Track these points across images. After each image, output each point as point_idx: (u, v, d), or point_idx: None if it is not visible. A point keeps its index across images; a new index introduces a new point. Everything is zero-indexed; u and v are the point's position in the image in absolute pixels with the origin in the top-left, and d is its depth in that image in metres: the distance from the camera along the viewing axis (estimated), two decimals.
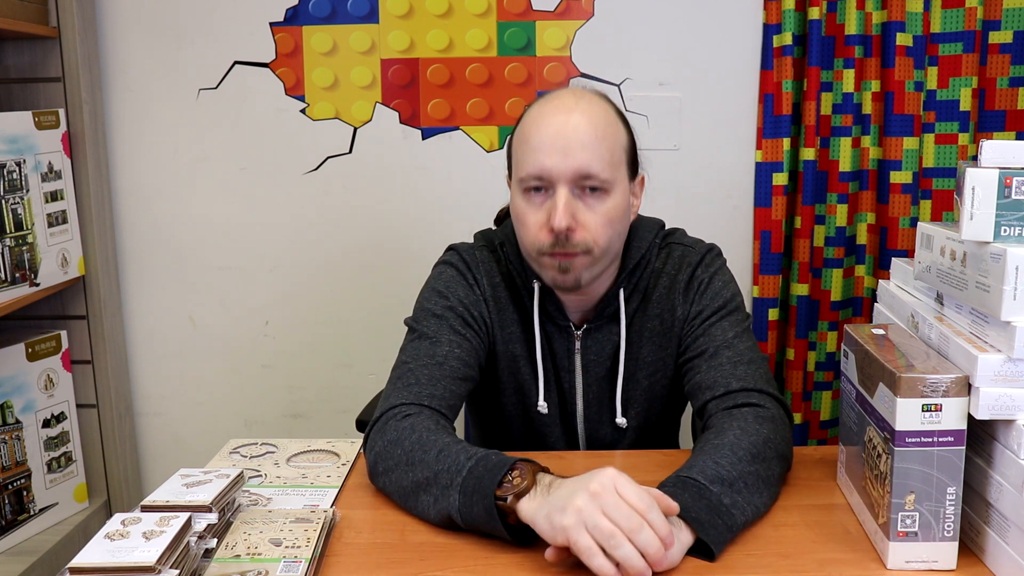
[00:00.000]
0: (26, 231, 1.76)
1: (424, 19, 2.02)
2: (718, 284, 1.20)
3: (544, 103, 1.12)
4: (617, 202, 1.11)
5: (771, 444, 1.01)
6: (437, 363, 1.13)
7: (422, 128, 2.07)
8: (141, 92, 2.08)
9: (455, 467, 0.94)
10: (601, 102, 1.13)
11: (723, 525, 0.90)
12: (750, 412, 1.05)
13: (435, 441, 0.99)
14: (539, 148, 1.08)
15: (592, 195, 1.09)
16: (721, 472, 0.94)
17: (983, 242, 0.83)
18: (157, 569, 0.79)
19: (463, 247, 1.27)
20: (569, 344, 1.22)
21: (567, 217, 1.07)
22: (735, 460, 0.96)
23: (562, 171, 1.07)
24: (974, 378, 0.82)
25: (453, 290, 1.20)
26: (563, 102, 1.11)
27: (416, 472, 0.98)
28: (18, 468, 1.80)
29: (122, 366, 2.13)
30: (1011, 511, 0.81)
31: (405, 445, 1.01)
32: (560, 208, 1.07)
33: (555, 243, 1.09)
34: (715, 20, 2.02)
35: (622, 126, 1.14)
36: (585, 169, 1.07)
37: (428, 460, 0.97)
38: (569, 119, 1.08)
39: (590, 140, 1.07)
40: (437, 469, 0.95)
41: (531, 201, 1.11)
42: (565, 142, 1.07)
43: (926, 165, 2.00)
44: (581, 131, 1.07)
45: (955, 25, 1.94)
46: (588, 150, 1.07)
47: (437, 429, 1.03)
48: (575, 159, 1.06)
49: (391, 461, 1.02)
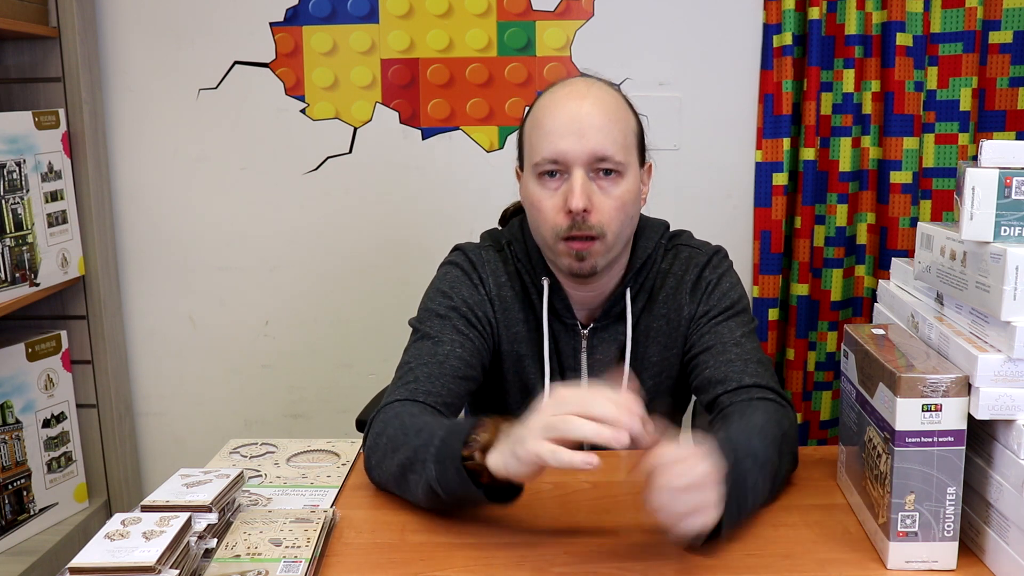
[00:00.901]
0: (26, 231, 1.76)
1: (424, 19, 2.02)
2: (726, 285, 1.21)
3: (556, 90, 1.15)
4: (629, 186, 1.12)
5: (788, 440, 1.03)
6: (438, 362, 1.13)
7: (422, 128, 2.07)
8: (141, 92, 2.08)
9: (429, 439, 0.95)
10: (611, 89, 1.16)
11: (736, 506, 0.89)
12: (771, 405, 1.07)
13: (415, 423, 1.01)
14: (554, 132, 1.10)
15: (606, 178, 1.10)
16: (755, 449, 0.95)
17: (983, 242, 0.83)
18: (157, 569, 0.79)
19: (469, 247, 1.27)
20: (575, 343, 1.23)
21: (584, 198, 1.08)
22: (766, 443, 0.97)
23: (578, 153, 1.08)
24: (974, 378, 0.82)
25: (457, 290, 1.20)
26: (575, 88, 1.13)
27: (400, 454, 0.99)
28: (18, 468, 1.80)
29: (122, 366, 2.13)
30: (1011, 511, 0.81)
31: (389, 432, 1.03)
32: (577, 189, 1.08)
33: (572, 225, 1.10)
34: (715, 20, 2.02)
35: (631, 113, 1.16)
36: (600, 151, 1.08)
37: (409, 440, 0.98)
38: (583, 104, 1.10)
39: (603, 123, 1.09)
40: (416, 445, 0.97)
41: (546, 186, 1.12)
42: (579, 125, 1.09)
43: (926, 165, 2.00)
44: (595, 115, 1.09)
45: (955, 25, 1.94)
46: (602, 133, 1.09)
47: (420, 413, 1.04)
48: (590, 141, 1.08)
49: (379, 451, 1.04)
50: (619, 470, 1.15)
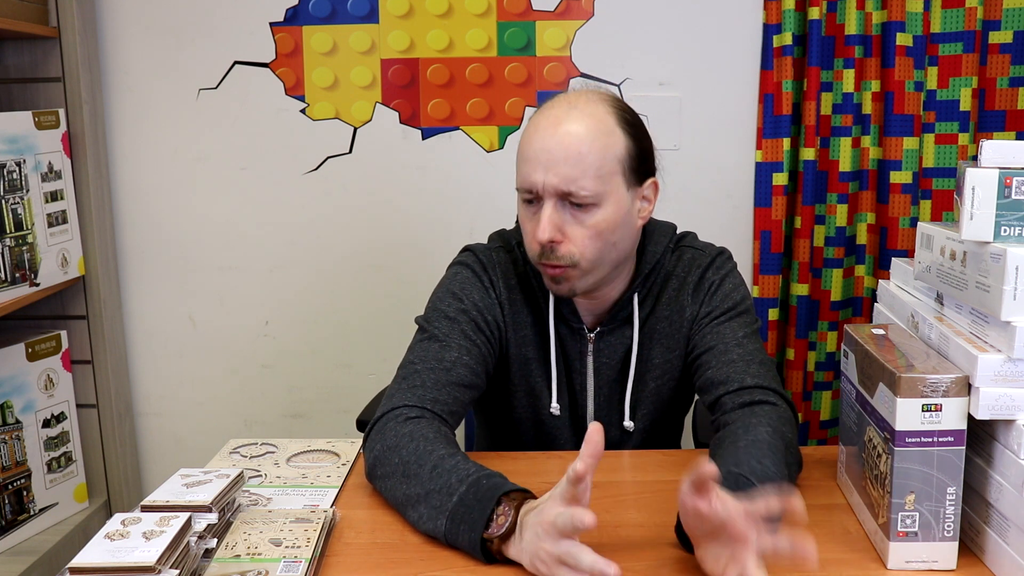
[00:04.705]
0: (26, 231, 1.76)
1: (424, 19, 2.02)
2: (728, 286, 1.20)
3: (539, 114, 1.12)
4: (607, 214, 1.09)
5: (792, 449, 1.03)
6: (444, 368, 1.13)
7: (422, 128, 2.07)
8: (141, 92, 2.08)
9: (447, 490, 0.93)
10: (598, 108, 1.10)
11: None
12: (772, 411, 1.06)
13: (431, 454, 0.98)
14: (528, 160, 1.09)
15: (579, 209, 1.09)
16: (768, 472, 0.93)
17: (983, 242, 0.83)
18: (157, 569, 0.79)
19: (479, 248, 1.26)
20: (582, 346, 1.22)
21: (550, 230, 1.08)
22: (776, 461, 0.96)
23: (545, 186, 1.08)
24: (974, 378, 0.82)
25: (468, 293, 1.20)
26: (555, 112, 1.10)
27: (410, 486, 0.97)
28: (18, 468, 1.80)
29: (122, 366, 2.13)
30: (1011, 511, 0.81)
31: (403, 454, 1.00)
32: (543, 221, 1.08)
33: (542, 254, 1.10)
34: (715, 20, 2.02)
35: (620, 133, 1.10)
36: (565, 186, 1.07)
37: (423, 476, 0.96)
38: (556, 132, 1.07)
39: (574, 154, 1.06)
40: (430, 488, 0.95)
41: (527, 210, 1.13)
42: (548, 156, 1.07)
43: (926, 165, 2.00)
44: (567, 145, 1.06)
45: (955, 25, 1.94)
46: (570, 164, 1.06)
47: (436, 439, 1.02)
48: (557, 174, 1.06)
49: (388, 467, 1.02)
50: (619, 470, 1.15)
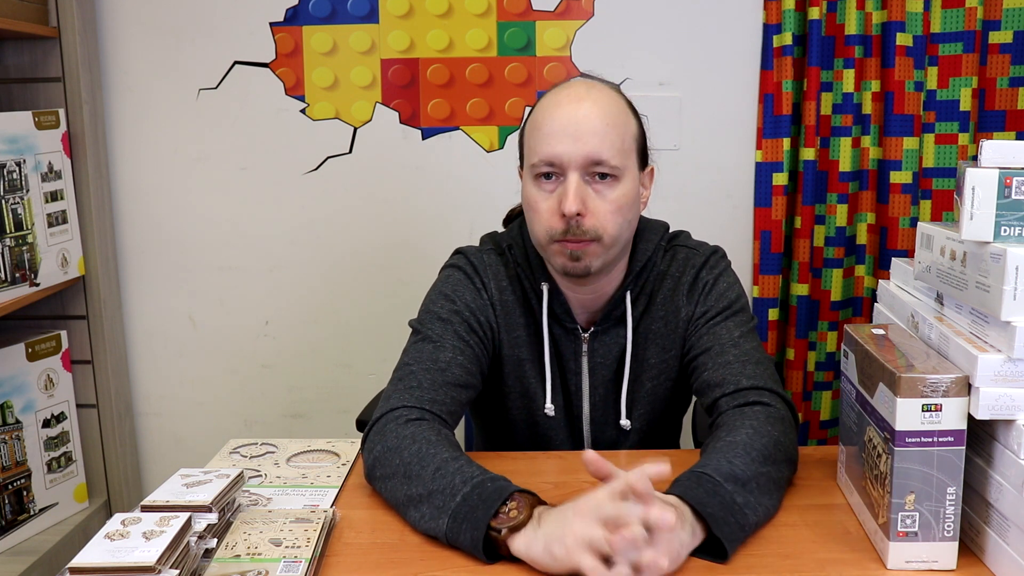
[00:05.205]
0: (26, 231, 1.76)
1: (424, 19, 2.02)
2: (723, 285, 1.20)
3: (556, 92, 1.14)
4: (627, 190, 1.12)
5: (780, 447, 1.02)
6: (440, 368, 1.13)
7: (422, 128, 2.07)
8: (141, 92, 2.08)
9: (450, 490, 0.93)
10: (611, 92, 1.15)
11: (736, 524, 0.89)
12: (762, 411, 1.05)
13: (434, 456, 0.98)
14: (551, 134, 1.09)
15: (602, 182, 1.10)
16: (735, 471, 0.94)
17: (983, 242, 0.83)
18: (157, 569, 0.79)
19: (470, 250, 1.26)
20: (576, 346, 1.22)
21: (577, 202, 1.08)
22: (749, 460, 0.96)
23: (573, 157, 1.08)
24: (974, 378, 0.82)
25: (460, 294, 1.20)
26: (575, 91, 1.12)
27: (412, 487, 0.97)
28: (18, 468, 1.80)
29: (122, 366, 2.13)
30: (1011, 511, 0.81)
31: (404, 456, 1.00)
32: (571, 193, 1.08)
33: (567, 230, 1.10)
34: (715, 20, 2.02)
35: (632, 116, 1.15)
36: (595, 155, 1.08)
37: (425, 477, 0.96)
38: (580, 107, 1.10)
39: (600, 127, 1.09)
40: (432, 488, 0.94)
41: (542, 188, 1.12)
42: (576, 129, 1.08)
43: (926, 165, 2.00)
44: (592, 118, 1.09)
45: (955, 25, 1.94)
46: (598, 136, 1.08)
47: (438, 441, 1.01)
48: (586, 145, 1.08)
49: (389, 469, 1.01)
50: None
